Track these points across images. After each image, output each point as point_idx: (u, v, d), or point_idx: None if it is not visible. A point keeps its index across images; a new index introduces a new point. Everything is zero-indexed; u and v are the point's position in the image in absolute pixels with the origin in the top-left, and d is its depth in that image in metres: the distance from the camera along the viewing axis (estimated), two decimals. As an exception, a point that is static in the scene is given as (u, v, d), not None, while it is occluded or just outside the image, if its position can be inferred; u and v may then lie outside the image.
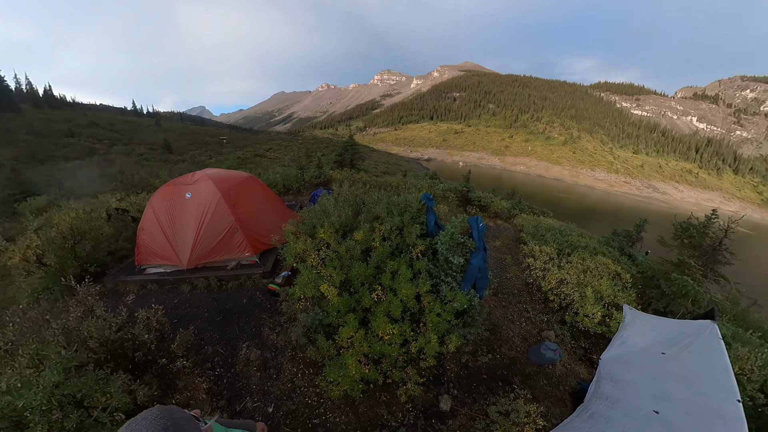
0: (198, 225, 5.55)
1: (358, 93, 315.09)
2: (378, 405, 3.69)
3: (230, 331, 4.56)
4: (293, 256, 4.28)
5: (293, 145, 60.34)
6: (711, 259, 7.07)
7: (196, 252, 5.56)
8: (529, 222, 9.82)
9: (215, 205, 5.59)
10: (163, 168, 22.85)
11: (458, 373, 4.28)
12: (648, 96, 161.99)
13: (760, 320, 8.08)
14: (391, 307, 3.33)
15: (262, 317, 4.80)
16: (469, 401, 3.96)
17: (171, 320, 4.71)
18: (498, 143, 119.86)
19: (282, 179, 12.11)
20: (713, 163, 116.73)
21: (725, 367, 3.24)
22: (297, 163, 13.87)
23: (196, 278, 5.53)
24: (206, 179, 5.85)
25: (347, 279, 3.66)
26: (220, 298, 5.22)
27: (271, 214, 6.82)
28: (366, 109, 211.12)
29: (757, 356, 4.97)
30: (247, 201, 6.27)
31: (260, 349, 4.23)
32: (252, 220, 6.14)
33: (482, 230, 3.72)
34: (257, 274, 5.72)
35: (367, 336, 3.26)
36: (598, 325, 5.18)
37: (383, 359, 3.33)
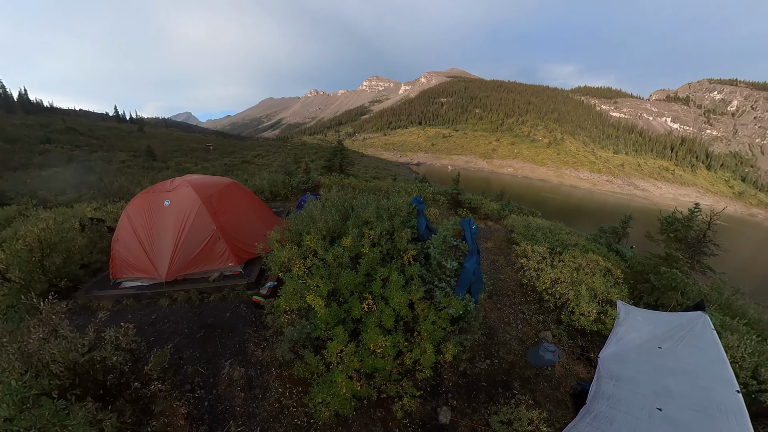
0: (177, 234, 5.23)
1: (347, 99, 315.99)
2: (373, 423, 3.46)
3: (212, 348, 4.25)
4: (278, 265, 4.05)
5: (282, 151, 59.65)
6: (697, 251, 7.29)
7: (176, 263, 5.22)
8: (520, 222, 9.87)
9: (195, 213, 5.30)
10: (145, 175, 22.04)
11: (456, 382, 4.11)
12: (625, 99, 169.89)
13: (743, 307, 8.40)
14: (383, 317, 3.14)
15: (246, 332, 4.50)
16: (469, 411, 3.80)
17: (148, 338, 4.37)
18: (485, 147, 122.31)
19: (269, 185, 11.80)
20: (688, 160, 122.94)
21: (721, 357, 3.28)
22: (285, 168, 13.58)
23: (176, 291, 5.18)
24: (186, 185, 5.56)
25: (335, 288, 3.45)
26: (201, 313, 4.90)
27: (255, 221, 6.54)
28: (355, 114, 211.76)
29: (746, 343, 5.10)
30: (230, 208, 5.99)
31: (244, 367, 3.94)
32: (235, 228, 5.85)
33: (475, 232, 3.60)
34: (241, 285, 5.41)
35: (358, 350, 3.05)
36: (593, 323, 5.16)
37: (376, 373, 3.13)
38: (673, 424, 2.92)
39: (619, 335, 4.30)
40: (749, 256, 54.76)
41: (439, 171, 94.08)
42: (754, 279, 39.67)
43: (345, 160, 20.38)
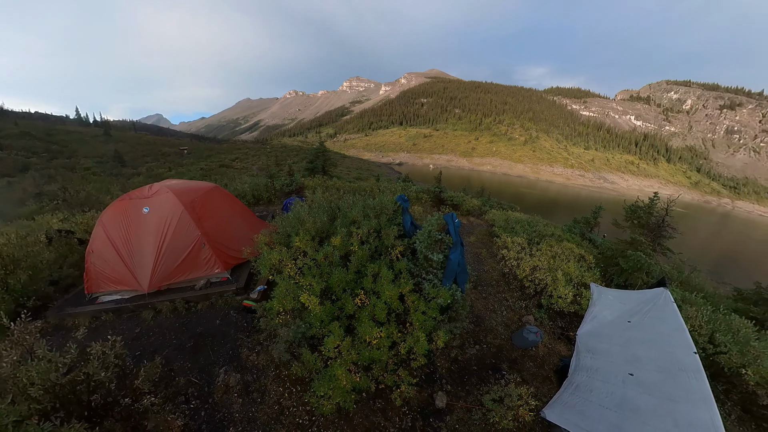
0: (158, 242, 5.07)
1: (327, 100, 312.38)
2: (373, 413, 3.58)
3: (204, 357, 4.16)
4: (268, 267, 4.06)
5: (261, 154, 58.13)
6: (657, 234, 8.11)
7: (158, 273, 5.04)
8: (500, 217, 10.35)
9: (178, 219, 5.16)
10: (115, 183, 20.83)
11: (449, 368, 4.32)
12: (593, 99, 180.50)
13: (700, 283, 9.57)
14: (376, 310, 3.27)
15: (238, 337, 4.45)
16: (463, 394, 4.01)
17: (133, 352, 4.22)
18: (465, 145, 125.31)
19: (251, 189, 11.57)
20: (650, 154, 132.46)
21: (681, 326, 3.70)
22: (267, 171, 13.32)
23: (160, 302, 5.00)
24: (166, 191, 5.39)
25: (328, 286, 3.53)
26: (189, 322, 4.76)
27: (240, 226, 6.45)
28: (336, 115, 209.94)
29: (702, 313, 5.76)
30: (214, 213, 5.88)
31: (240, 373, 3.90)
32: (220, 233, 5.75)
33: (458, 226, 3.81)
34: (230, 291, 5.32)
35: (355, 343, 3.16)
36: (570, 305, 5.59)
37: (373, 365, 3.25)
38: (643, 385, 3.30)
39: (594, 314, 4.70)
40: (706, 239, 60.29)
41: (421, 170, 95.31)
42: (712, 258, 43.68)
43: (328, 161, 20.27)
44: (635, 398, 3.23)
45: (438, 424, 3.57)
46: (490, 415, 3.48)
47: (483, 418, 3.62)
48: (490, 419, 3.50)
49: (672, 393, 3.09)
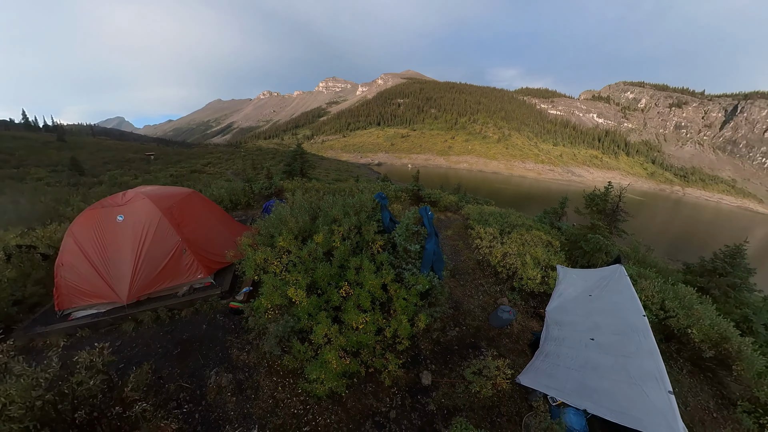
0: (136, 251, 4.98)
1: (303, 100, 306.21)
2: (365, 396, 3.82)
3: (193, 361, 4.18)
4: (253, 268, 4.17)
5: (236, 158, 56.12)
6: (613, 219, 9.15)
7: (137, 282, 4.95)
8: (475, 210, 10.98)
9: (156, 226, 5.11)
10: (74, 193, 19.40)
11: (432, 350, 4.65)
12: (560, 98, 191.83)
13: (654, 261, 10.75)
14: (360, 299, 3.51)
15: (227, 339, 4.51)
16: (446, 371, 4.36)
17: (116, 365, 4.14)
18: (442, 145, 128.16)
19: (228, 194, 11.34)
20: (611, 149, 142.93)
21: (632, 295, 4.29)
22: (243, 176, 13.10)
23: (141, 313, 4.90)
24: (142, 197, 5.31)
25: (313, 281, 3.72)
26: (173, 330, 4.74)
27: (221, 230, 6.44)
28: (312, 116, 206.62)
29: (654, 285, 6.60)
30: (193, 218, 5.84)
31: (231, 373, 3.99)
32: (201, 238, 5.73)
33: (431, 218, 4.15)
34: (214, 295, 5.32)
35: (342, 330, 3.38)
36: (540, 285, 6.15)
37: (362, 350, 3.49)
38: (602, 347, 3.85)
39: (560, 291, 5.29)
40: (662, 223, 66.66)
41: (400, 170, 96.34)
42: (667, 239, 48.38)
43: (306, 163, 20.15)
44: (596, 358, 3.79)
45: (425, 400, 3.90)
46: (472, 386, 3.86)
47: (465, 390, 3.99)
48: (471, 390, 3.88)
49: (625, 350, 3.64)
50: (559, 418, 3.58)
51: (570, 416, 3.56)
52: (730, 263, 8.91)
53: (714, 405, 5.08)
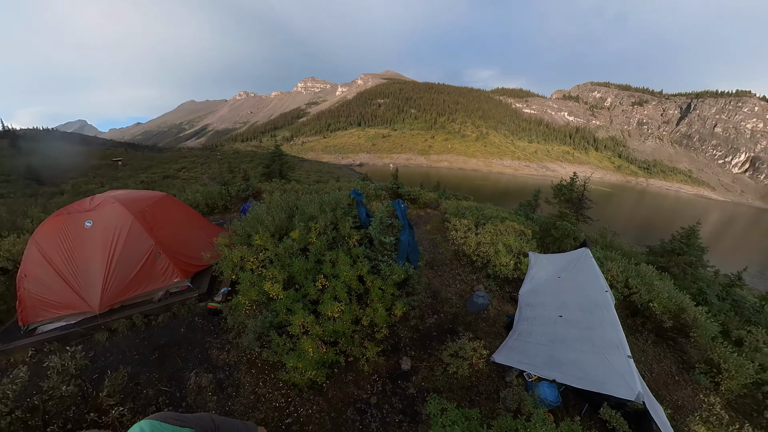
0: (107, 257, 4.83)
1: (281, 101, 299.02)
2: (346, 385, 3.95)
3: (171, 365, 4.15)
4: (231, 267, 4.18)
5: (212, 162, 54.07)
6: (578, 207, 9.92)
7: (110, 290, 4.79)
8: (452, 205, 11.46)
9: (128, 230, 4.98)
10: (33, 204, 18.03)
11: (412, 337, 4.86)
12: (533, 98, 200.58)
13: (620, 245, 12.05)
14: (337, 290, 3.64)
15: (206, 340, 4.50)
16: (425, 356, 4.56)
17: (90, 376, 4.01)
18: (422, 144, 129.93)
19: (204, 198, 11.04)
20: (582, 145, 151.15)
21: (597, 274, 4.72)
22: (219, 179, 12.73)
23: (115, 321, 4.76)
24: (111, 202, 5.14)
25: (290, 276, 3.80)
26: (150, 336, 4.65)
27: (197, 233, 6.32)
28: (291, 117, 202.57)
29: (619, 266, 7.25)
30: (167, 222, 5.72)
31: (211, 372, 4.00)
32: (176, 242, 5.62)
33: (404, 210, 4.35)
34: (192, 298, 5.27)
35: (319, 320, 3.49)
36: (513, 271, 6.57)
37: (339, 339, 3.60)
38: (569, 322, 4.21)
39: (532, 275, 5.70)
40: (629, 211, 71.59)
41: (381, 170, 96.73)
42: (634, 226, 52.07)
43: (285, 165, 19.88)
44: (563, 333, 4.15)
45: (405, 384, 4.08)
46: (450, 367, 4.09)
47: (444, 372, 4.22)
48: (449, 371, 4.10)
49: (590, 323, 4.01)
50: (533, 390, 3.88)
51: (544, 389, 3.86)
52: (686, 243, 9.86)
53: (676, 369, 5.61)
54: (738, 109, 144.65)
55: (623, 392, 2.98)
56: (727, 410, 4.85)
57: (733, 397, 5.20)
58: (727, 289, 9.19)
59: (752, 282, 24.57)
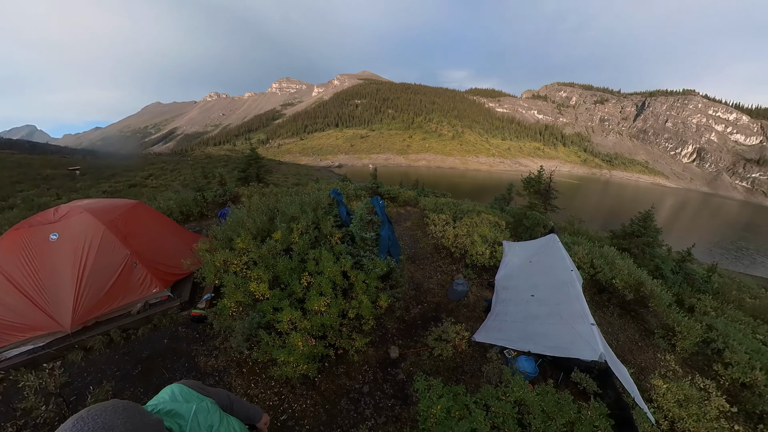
0: (78, 271, 4.60)
1: (255, 102, 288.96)
2: (338, 377, 4.09)
3: (157, 378, 4.06)
4: (213, 272, 4.16)
5: (183, 167, 51.41)
6: (546, 197, 10.72)
7: (82, 306, 4.54)
8: (431, 202, 11.88)
9: (99, 241, 4.78)
10: (-23, 221, 16.34)
11: (398, 327, 5.10)
12: (505, 97, 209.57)
13: (586, 231, 12.99)
14: (322, 286, 3.76)
15: (192, 349, 4.44)
16: (412, 344, 4.82)
17: (67, 398, 3.79)
18: (400, 144, 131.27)
19: (178, 205, 10.61)
20: (551, 141, 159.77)
21: (563, 256, 5.17)
22: (193, 185, 12.23)
23: (90, 339, 4.52)
24: (79, 212, 4.91)
25: (275, 276, 3.86)
26: (131, 351, 4.49)
27: (174, 241, 6.16)
28: (266, 119, 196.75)
29: (584, 249, 7.95)
30: (142, 230, 5.54)
31: (200, 380, 3.94)
32: (153, 250, 5.46)
33: (383, 206, 4.56)
34: (173, 308, 5.14)
35: (306, 316, 3.59)
36: (489, 259, 7.00)
37: (328, 333, 3.72)
38: (540, 300, 4.60)
39: (506, 262, 6.15)
40: (596, 201, 76.98)
41: (361, 170, 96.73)
42: (601, 214, 56.03)
43: (262, 168, 19.46)
44: (535, 310, 4.56)
45: (395, 371, 4.30)
46: (435, 350, 4.36)
47: (430, 356, 4.50)
48: (435, 354, 4.37)
49: (558, 299, 4.42)
50: (513, 364, 4.24)
51: (522, 362, 4.23)
52: (643, 226, 10.88)
53: (638, 336, 6.29)
54: (685, 105, 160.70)
55: (588, 354, 3.37)
56: (681, 366, 5.54)
57: (687, 355, 5.96)
58: (680, 264, 10.27)
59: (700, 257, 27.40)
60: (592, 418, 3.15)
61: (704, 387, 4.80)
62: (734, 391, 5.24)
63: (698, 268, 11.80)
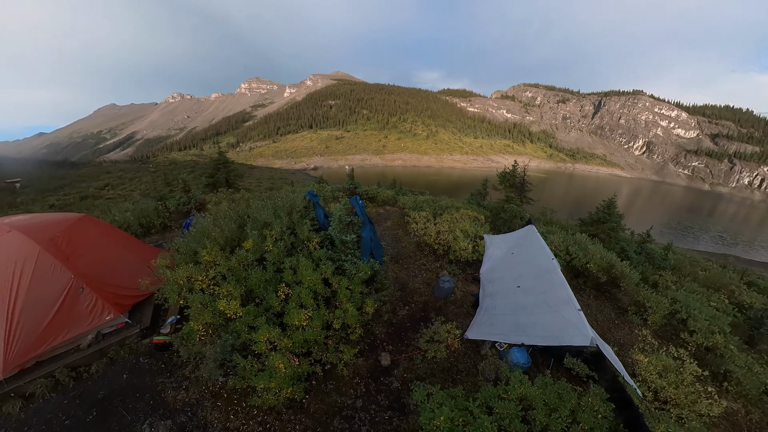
0: (7, 302, 3.90)
1: (223, 104, 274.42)
2: (327, 395, 3.77)
3: (116, 422, 3.52)
4: (176, 291, 3.68)
5: (143, 175, 47.65)
6: (521, 190, 11.23)
7: (16, 345, 3.84)
8: (410, 201, 11.92)
9: (34, 264, 4.09)
10: None
11: (387, 332, 4.87)
12: (476, 98, 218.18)
13: (559, 220, 13.95)
14: (302, 297, 3.43)
15: (158, 382, 3.91)
16: (403, 348, 4.61)
17: None
18: (376, 144, 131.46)
19: (136, 217, 9.62)
20: (519, 138, 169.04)
21: (543, 245, 5.29)
22: (155, 194, 11.19)
23: (30, 383, 3.84)
24: (7, 230, 4.19)
25: (248, 290, 3.48)
26: (83, 393, 3.86)
27: (130, 258, 5.46)
28: (236, 121, 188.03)
29: (559, 237, 8.26)
30: (89, 248, 4.84)
31: (170, 418, 3.49)
32: (103, 271, 4.78)
33: (362, 206, 4.32)
34: (132, 336, 4.53)
35: (287, 332, 3.26)
36: (472, 254, 7.02)
37: (312, 348, 3.40)
38: (525, 290, 4.67)
39: (489, 255, 6.26)
40: (563, 192, 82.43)
41: (337, 172, 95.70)
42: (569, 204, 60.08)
43: (232, 173, 18.42)
44: (523, 300, 4.58)
45: (389, 380, 4.07)
46: (428, 353, 4.19)
47: (423, 359, 4.32)
48: (428, 357, 4.20)
49: (543, 288, 4.49)
50: (506, 357, 4.20)
51: (515, 354, 4.22)
52: (608, 213, 11.87)
53: (614, 315, 6.68)
54: (635, 104, 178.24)
55: (579, 340, 3.46)
56: (655, 338, 5.91)
57: (657, 327, 6.42)
58: (641, 245, 11.31)
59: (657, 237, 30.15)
60: (593, 403, 3.15)
61: (678, 356, 5.14)
62: (700, 355, 5.72)
63: (656, 247, 12.97)
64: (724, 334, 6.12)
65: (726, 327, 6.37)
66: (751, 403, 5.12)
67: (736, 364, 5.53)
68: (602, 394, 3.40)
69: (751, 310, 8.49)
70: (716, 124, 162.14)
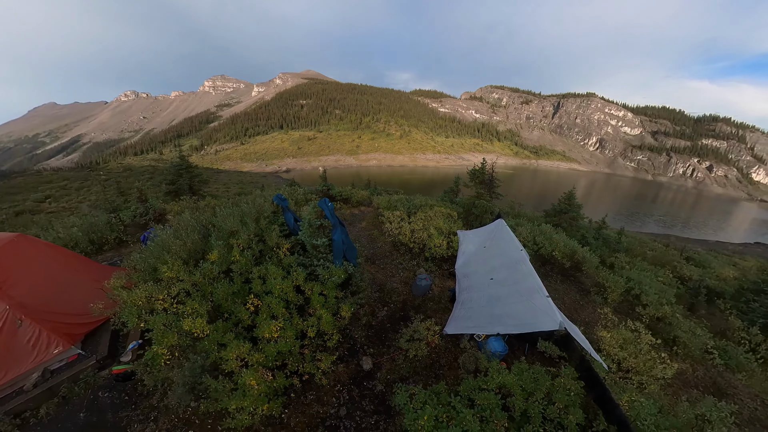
0: None
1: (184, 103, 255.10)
2: (308, 407, 3.64)
3: None
4: (136, 313, 3.38)
5: (93, 185, 43.13)
6: (490, 186, 11.88)
7: None
8: (384, 200, 11.99)
9: (-45, 295, 3.55)
10: None
11: (367, 335, 4.84)
12: (447, 98, 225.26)
13: (526, 213, 15.16)
14: (272, 308, 3.32)
15: (122, 417, 3.55)
16: (385, 350, 4.60)
17: None
18: (350, 144, 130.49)
19: (85, 233, 8.68)
20: (488, 137, 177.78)
21: (512, 237, 5.60)
22: (107, 205, 10.12)
23: None
24: None
25: (215, 306, 3.29)
26: None
27: (79, 280, 4.93)
28: (199, 122, 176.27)
29: (526, 228, 8.84)
30: (27, 273, 4.31)
31: None
32: (47, 298, 4.28)
33: (332, 208, 4.29)
34: (87, 369, 4.06)
35: (258, 346, 3.13)
36: (446, 250, 7.23)
37: (287, 360, 3.29)
38: (498, 282, 4.89)
39: (463, 250, 6.43)
40: (529, 187, 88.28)
41: (310, 173, 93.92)
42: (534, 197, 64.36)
43: (196, 179, 17.31)
44: (497, 292, 4.80)
45: (372, 384, 4.03)
46: (409, 352, 4.24)
47: (405, 358, 4.34)
48: (410, 356, 4.24)
49: (514, 279, 4.74)
50: (484, 347, 4.38)
51: (492, 343, 4.41)
52: (568, 204, 12.88)
53: (579, 296, 7.24)
54: (588, 105, 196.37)
55: (549, 325, 3.74)
56: (615, 314, 6.47)
57: (616, 304, 7.09)
58: (598, 231, 12.54)
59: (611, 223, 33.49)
60: (565, 383, 3.38)
61: (635, 328, 5.71)
62: (653, 326, 6.43)
63: (611, 232, 14.41)
64: (671, 305, 6.98)
65: (672, 298, 7.52)
66: (697, 361, 5.94)
67: (682, 330, 6.33)
68: (573, 373, 3.68)
69: (690, 282, 9.78)
70: (656, 123, 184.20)
